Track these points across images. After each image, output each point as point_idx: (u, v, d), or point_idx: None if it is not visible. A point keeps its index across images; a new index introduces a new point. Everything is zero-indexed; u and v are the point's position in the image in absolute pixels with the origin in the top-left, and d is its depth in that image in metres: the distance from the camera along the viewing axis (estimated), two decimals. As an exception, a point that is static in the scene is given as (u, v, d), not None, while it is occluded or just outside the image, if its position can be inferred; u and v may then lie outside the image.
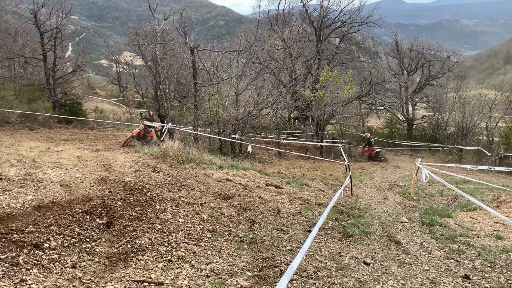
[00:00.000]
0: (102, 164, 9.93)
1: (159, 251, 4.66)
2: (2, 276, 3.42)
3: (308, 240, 3.80)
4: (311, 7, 31.53)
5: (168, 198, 6.94)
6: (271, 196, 8.81)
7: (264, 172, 12.64)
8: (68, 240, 4.47)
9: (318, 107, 21.64)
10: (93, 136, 19.55)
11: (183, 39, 15.97)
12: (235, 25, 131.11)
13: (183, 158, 11.48)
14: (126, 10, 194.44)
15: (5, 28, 29.07)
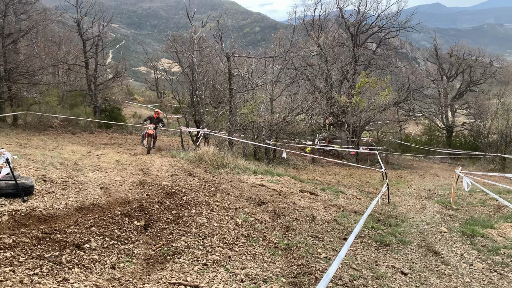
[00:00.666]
0: (140, 168, 10.17)
1: (194, 254, 4.71)
2: (46, 274, 3.56)
3: (345, 247, 3.74)
4: (348, 12, 31.22)
5: (203, 202, 7.01)
6: (306, 203, 8.75)
7: (298, 178, 12.57)
8: (108, 241, 4.60)
9: (354, 113, 21.35)
10: (132, 141, 20.07)
11: (219, 46, 16.19)
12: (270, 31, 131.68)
13: (218, 163, 11.60)
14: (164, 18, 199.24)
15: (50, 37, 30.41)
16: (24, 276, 3.40)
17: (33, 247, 3.98)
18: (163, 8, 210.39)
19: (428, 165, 24.33)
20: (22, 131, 18.13)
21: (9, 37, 21.89)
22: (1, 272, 3.37)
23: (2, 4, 21.86)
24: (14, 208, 5.43)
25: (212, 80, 19.40)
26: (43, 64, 23.43)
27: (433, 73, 35.82)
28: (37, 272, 3.54)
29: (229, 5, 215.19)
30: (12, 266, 3.54)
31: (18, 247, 3.89)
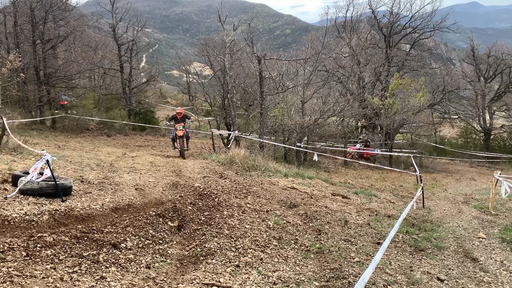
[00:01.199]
0: (173, 170, 10.34)
1: (227, 256, 4.75)
2: (85, 272, 3.67)
3: (380, 252, 3.68)
4: (380, 13, 30.72)
5: (235, 204, 7.05)
6: (338, 206, 8.65)
7: (330, 182, 12.45)
8: (143, 241, 4.71)
9: (387, 115, 20.96)
10: (165, 143, 20.43)
11: (250, 49, 16.27)
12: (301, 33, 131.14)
13: (249, 165, 11.64)
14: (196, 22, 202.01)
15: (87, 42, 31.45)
16: (64, 274, 3.52)
17: (72, 246, 4.11)
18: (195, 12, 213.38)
19: (465, 168, 23.58)
20: (60, 133, 18.77)
21: (48, 43, 22.75)
22: (43, 269, 3.50)
23: (42, 11, 22.74)
24: (53, 207, 5.63)
25: (243, 83, 19.51)
26: (80, 68, 24.20)
27: (469, 74, 34.69)
28: (76, 270, 3.66)
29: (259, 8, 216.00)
30: (53, 263, 3.67)
31: (58, 246, 4.03)
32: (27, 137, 12.30)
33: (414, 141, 25.16)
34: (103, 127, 22.47)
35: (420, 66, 30.20)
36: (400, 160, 21.61)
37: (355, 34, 28.93)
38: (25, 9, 23.12)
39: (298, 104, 19.10)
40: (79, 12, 28.73)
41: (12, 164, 8.12)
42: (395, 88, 21.67)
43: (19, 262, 3.53)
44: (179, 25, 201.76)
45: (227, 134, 17.02)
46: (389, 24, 29.20)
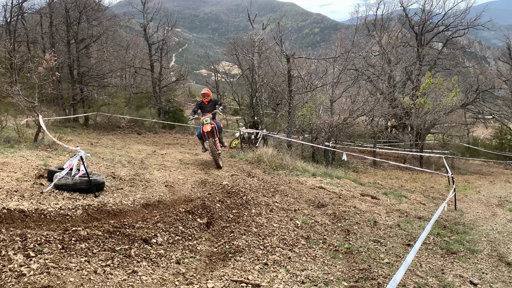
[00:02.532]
0: (202, 168, 10.44)
1: (255, 253, 4.76)
2: (117, 266, 3.76)
3: (411, 253, 3.61)
4: (412, 11, 30.13)
5: (262, 203, 7.06)
6: (367, 207, 8.53)
7: (359, 182, 12.30)
8: (173, 237, 4.78)
9: (418, 115, 20.51)
10: (193, 141, 20.64)
11: (279, 48, 16.25)
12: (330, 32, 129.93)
13: (277, 164, 11.62)
14: (224, 21, 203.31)
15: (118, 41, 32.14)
16: (97, 267, 3.61)
17: (105, 240, 4.21)
18: (224, 12, 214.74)
19: (499, 170, 22.81)
20: (92, 130, 19.26)
21: (82, 43, 23.38)
22: (78, 261, 3.61)
23: (76, 11, 23.38)
24: (87, 203, 5.79)
25: (271, 81, 19.50)
26: (112, 67, 24.78)
27: (505, 73, 33.46)
28: (109, 264, 3.75)
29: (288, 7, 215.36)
30: (87, 256, 3.77)
31: (92, 240, 4.14)
32: (61, 134, 12.68)
33: (446, 141, 24.52)
34: (133, 125, 22.91)
35: (452, 65, 29.43)
36: (431, 161, 21.11)
37: (385, 32, 28.46)
38: (60, 10, 23.84)
39: (327, 103, 18.94)
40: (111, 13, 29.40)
41: (47, 160, 8.40)
42: (426, 88, 21.18)
43: (55, 255, 3.64)
44: (208, 24, 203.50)
45: (255, 132, 17.04)
46: (421, 22, 28.58)
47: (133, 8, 28.99)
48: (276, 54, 19.29)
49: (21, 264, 3.33)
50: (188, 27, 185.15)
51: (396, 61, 25.92)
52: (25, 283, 3.04)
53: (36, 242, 3.79)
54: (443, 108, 20.77)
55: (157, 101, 26.14)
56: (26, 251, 3.59)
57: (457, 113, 25.50)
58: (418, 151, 20.46)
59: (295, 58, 16.22)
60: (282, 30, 16.61)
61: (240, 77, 25.74)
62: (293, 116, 16.03)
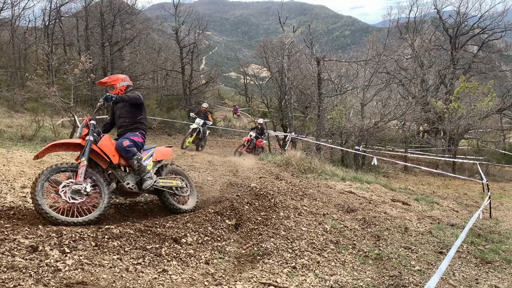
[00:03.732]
0: (230, 169, 10.49)
1: (283, 256, 4.74)
2: (148, 264, 3.82)
3: (445, 261, 3.51)
4: (446, 13, 29.43)
5: (291, 206, 7.03)
6: (398, 213, 8.36)
7: (389, 187, 12.07)
8: (202, 238, 4.82)
9: (452, 120, 19.98)
10: (222, 143, 20.83)
11: (309, 50, 16.19)
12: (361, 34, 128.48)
13: (305, 167, 11.55)
14: (254, 24, 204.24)
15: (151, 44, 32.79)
16: (129, 265, 3.68)
17: (136, 239, 4.29)
18: (254, 15, 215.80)
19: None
20: (124, 131, 19.67)
21: (116, 45, 23.98)
22: (110, 259, 3.69)
23: (111, 15, 24.01)
24: (119, 201, 5.93)
25: (301, 84, 19.44)
26: (145, 69, 25.31)
27: (544, 77, 32.29)
28: (140, 262, 3.81)
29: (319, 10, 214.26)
30: (119, 254, 3.85)
31: (124, 238, 4.23)
32: (95, 134, 13.01)
33: (480, 147, 23.77)
34: (164, 126, 23.31)
35: (488, 69, 28.53)
36: (464, 167, 20.52)
37: (418, 35, 27.91)
38: (96, 13, 24.54)
39: (357, 106, 18.73)
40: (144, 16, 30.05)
41: (82, 159, 8.63)
42: (460, 92, 20.63)
43: (89, 251, 3.74)
44: (238, 27, 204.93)
45: (283, 135, 17.02)
46: (455, 25, 27.87)
47: (165, 12, 29.55)
48: (306, 56, 19.22)
49: (57, 260, 3.43)
50: (218, 30, 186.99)
51: (429, 65, 25.34)
52: (60, 278, 3.13)
53: (71, 238, 3.89)
54: (477, 113, 20.18)
55: (187, 103, 26.51)
56: (61, 247, 3.70)
57: (492, 119, 24.72)
58: (451, 157, 19.93)
59: (325, 60, 16.12)
60: (312, 33, 16.54)
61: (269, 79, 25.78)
62: (322, 119, 15.91)
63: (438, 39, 30.15)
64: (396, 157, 20.91)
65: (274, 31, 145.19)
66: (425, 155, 22.32)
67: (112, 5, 24.16)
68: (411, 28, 28.14)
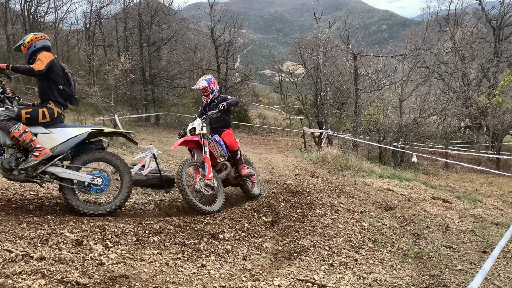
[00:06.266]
0: (266, 166, 10.54)
1: (321, 254, 4.72)
2: (187, 259, 3.91)
3: (489, 261, 3.39)
4: (489, 4, 28.21)
5: (327, 203, 6.98)
6: (438, 211, 8.13)
7: (429, 184, 11.74)
8: (239, 234, 4.88)
9: (495, 115, 19.19)
10: (257, 140, 20.91)
11: (345, 46, 15.97)
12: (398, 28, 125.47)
13: (342, 164, 11.42)
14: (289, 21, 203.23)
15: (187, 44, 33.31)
16: (169, 259, 3.78)
17: (175, 234, 4.39)
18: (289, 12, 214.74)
19: None
20: (163, 129, 20.14)
21: (153, 45, 24.52)
22: (151, 253, 3.80)
23: (148, 16, 24.56)
24: (158, 198, 6.08)
25: (337, 80, 19.21)
26: (181, 69, 25.76)
27: None
28: (179, 257, 3.91)
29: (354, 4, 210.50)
30: (159, 249, 3.96)
31: (164, 233, 4.34)
32: (135, 132, 13.40)
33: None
34: (200, 124, 23.63)
35: (535, 61, 27.16)
36: (509, 164, 19.67)
37: (459, 27, 26.93)
38: (134, 15, 25.18)
39: (396, 102, 18.32)
40: (180, 16, 30.53)
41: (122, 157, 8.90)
42: (505, 85, 19.76)
43: (130, 246, 3.86)
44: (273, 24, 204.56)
45: (319, 132, 16.89)
46: (499, 16, 26.69)
47: (201, 11, 29.91)
48: (342, 52, 18.97)
49: (100, 254, 3.57)
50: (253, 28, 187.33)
51: (471, 58, 24.41)
52: (104, 271, 3.25)
53: (113, 233, 4.04)
54: (524, 108, 19.30)
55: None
56: (104, 242, 3.84)
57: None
58: (495, 153, 19.14)
59: (362, 56, 15.85)
60: (348, 28, 16.29)
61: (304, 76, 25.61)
62: (359, 116, 15.67)
63: (480, 31, 28.98)
64: (436, 153, 20.32)
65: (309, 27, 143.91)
66: (466, 151, 21.54)
67: (149, 6, 24.73)
68: (451, 21, 27.20)
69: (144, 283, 3.18)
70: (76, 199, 4.82)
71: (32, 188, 5.62)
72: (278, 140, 22.08)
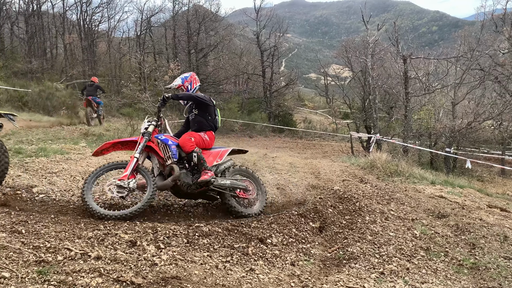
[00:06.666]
0: (312, 172, 10.44)
1: (371, 261, 4.62)
2: (236, 262, 3.95)
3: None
4: (551, 0, 26.56)
5: (377, 210, 6.82)
6: (495, 220, 7.71)
7: (484, 192, 11.17)
8: (287, 239, 4.87)
9: (558, 119, 17.99)
10: (302, 145, 20.78)
11: (394, 48, 15.57)
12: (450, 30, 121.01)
13: (391, 170, 11.11)
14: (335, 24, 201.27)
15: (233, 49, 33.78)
16: (218, 262, 3.84)
17: (224, 237, 4.45)
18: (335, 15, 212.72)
19: None
20: (209, 134, 20.46)
21: (201, 52, 25.06)
22: (201, 256, 3.87)
23: (196, 23, 25.15)
24: (206, 201, 6.18)
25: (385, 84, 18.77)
26: (227, 74, 26.16)
27: None
28: (228, 260, 3.95)
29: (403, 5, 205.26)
30: (209, 251, 4.03)
31: (213, 236, 4.41)
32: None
33: None
34: (245, 128, 23.86)
35: None
36: None
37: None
38: (182, 22, 25.88)
39: (448, 106, 17.61)
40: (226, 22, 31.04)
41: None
42: None
43: (181, 248, 3.96)
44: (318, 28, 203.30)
45: (367, 137, 16.55)
46: (562, 13, 25.04)
47: (247, 17, 30.25)
48: (391, 55, 18.50)
49: (153, 255, 3.68)
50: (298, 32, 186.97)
51: (530, 59, 23.05)
52: (157, 272, 3.35)
53: (165, 235, 4.15)
54: None
55: (267, 106, 26.88)
56: (157, 243, 3.96)
57: None
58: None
59: (412, 58, 15.38)
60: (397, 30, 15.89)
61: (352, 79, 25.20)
62: (409, 120, 15.20)
63: (541, 30, 27.32)
64: (491, 159, 19.32)
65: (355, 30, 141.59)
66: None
67: (197, 13, 25.33)
68: (508, 20, 25.80)
69: (195, 285, 3.24)
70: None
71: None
72: (324, 144, 21.84)
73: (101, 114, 15.45)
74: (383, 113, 21.80)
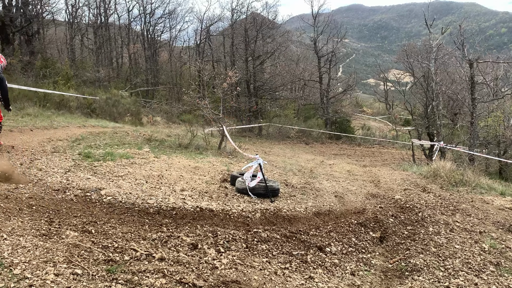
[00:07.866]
0: (371, 180, 10.19)
1: (435, 274, 4.42)
2: (295, 270, 3.94)
3: None
4: None
5: (441, 221, 6.52)
6: None
7: (562, 205, 10.32)
8: (346, 248, 4.78)
9: None
10: (360, 152, 20.33)
11: (460, 52, 14.84)
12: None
13: (456, 180, 10.57)
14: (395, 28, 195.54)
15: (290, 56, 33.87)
16: (277, 268, 3.84)
17: (282, 244, 4.46)
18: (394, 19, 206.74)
19: None
20: (265, 140, 20.63)
21: (258, 59, 25.33)
22: (260, 261, 3.90)
23: (253, 30, 25.48)
24: (264, 207, 6.22)
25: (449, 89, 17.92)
26: (284, 81, 26.23)
27: None
28: (287, 267, 3.95)
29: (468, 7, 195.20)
30: (267, 257, 4.05)
31: (271, 242, 4.43)
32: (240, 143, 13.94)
33: None
34: (301, 135, 23.77)
35: None
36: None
37: None
38: (240, 30, 26.33)
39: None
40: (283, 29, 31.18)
41: (229, 166, 9.31)
42: None
43: (240, 252, 4.01)
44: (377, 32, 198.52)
45: (430, 144, 15.86)
46: None
47: (304, 23, 30.22)
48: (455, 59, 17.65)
49: (214, 258, 3.76)
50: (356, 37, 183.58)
51: None
52: (217, 275, 3.42)
53: (225, 239, 4.23)
54: None
55: (324, 112, 26.61)
56: (217, 247, 4.04)
57: None
58: None
59: (479, 62, 14.57)
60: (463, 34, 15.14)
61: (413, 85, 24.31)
62: (476, 127, 14.38)
63: None
64: None
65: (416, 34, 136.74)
66: None
67: (255, 21, 25.66)
68: None
69: (254, 290, 3.27)
70: None
71: (152, 193, 6.12)
72: (383, 152, 21.22)
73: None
74: (446, 120, 20.81)
